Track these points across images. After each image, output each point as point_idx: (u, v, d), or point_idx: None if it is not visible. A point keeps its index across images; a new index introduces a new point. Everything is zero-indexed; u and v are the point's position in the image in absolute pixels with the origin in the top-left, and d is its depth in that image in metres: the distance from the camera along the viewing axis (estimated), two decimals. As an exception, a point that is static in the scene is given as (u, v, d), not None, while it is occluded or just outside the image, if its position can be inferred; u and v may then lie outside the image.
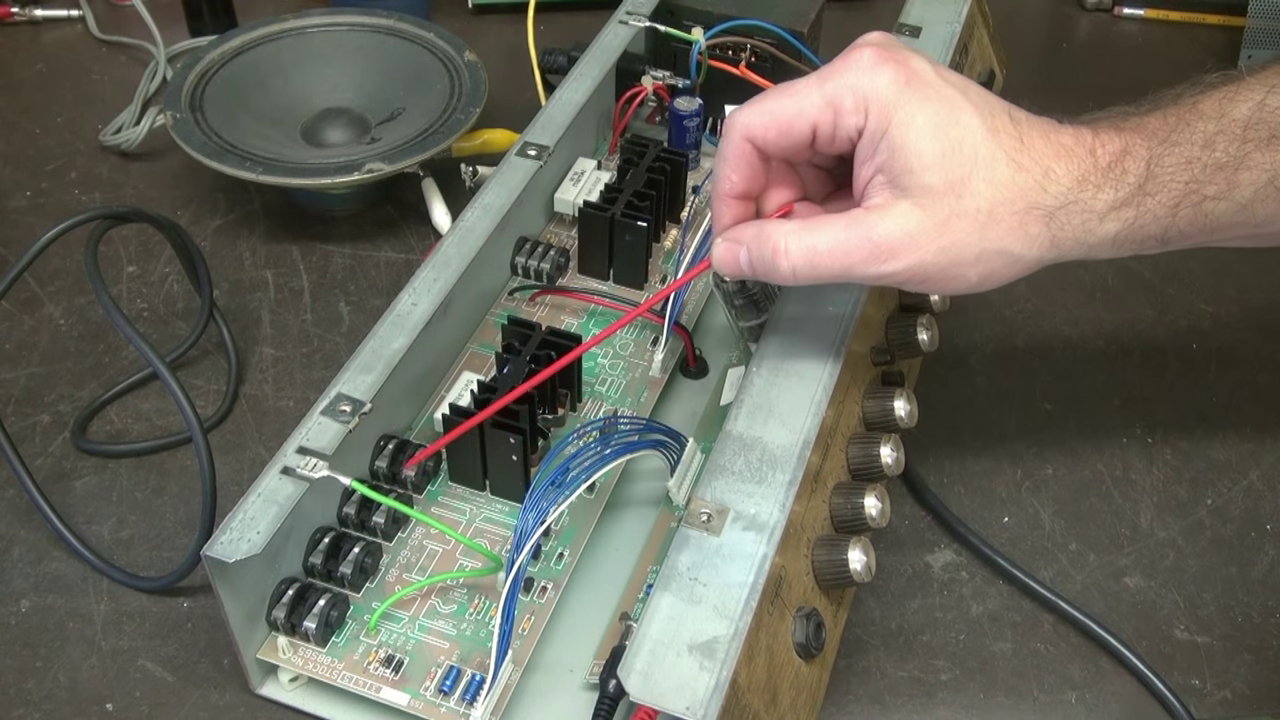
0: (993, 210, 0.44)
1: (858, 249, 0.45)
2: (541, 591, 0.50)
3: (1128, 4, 0.96)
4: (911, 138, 0.44)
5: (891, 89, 0.45)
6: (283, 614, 0.48)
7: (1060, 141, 0.46)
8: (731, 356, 0.62)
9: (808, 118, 0.46)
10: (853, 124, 0.45)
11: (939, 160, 0.44)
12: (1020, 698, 0.52)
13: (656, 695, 0.40)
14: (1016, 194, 0.45)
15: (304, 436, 0.49)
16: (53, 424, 0.62)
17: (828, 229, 0.46)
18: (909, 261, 0.45)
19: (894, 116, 0.44)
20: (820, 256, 0.45)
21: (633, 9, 0.72)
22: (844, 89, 0.45)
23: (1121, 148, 0.46)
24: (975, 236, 0.45)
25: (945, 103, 0.45)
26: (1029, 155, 0.45)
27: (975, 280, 0.46)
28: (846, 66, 0.46)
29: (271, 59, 0.78)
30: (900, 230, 0.44)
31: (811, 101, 0.46)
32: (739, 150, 0.48)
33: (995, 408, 0.64)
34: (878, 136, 0.45)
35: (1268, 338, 0.69)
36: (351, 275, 0.71)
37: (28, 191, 0.77)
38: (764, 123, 0.47)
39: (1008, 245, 0.45)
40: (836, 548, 0.47)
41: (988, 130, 0.45)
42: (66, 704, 0.51)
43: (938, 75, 0.46)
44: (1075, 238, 0.46)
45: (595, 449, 0.50)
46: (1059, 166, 0.45)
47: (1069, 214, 0.45)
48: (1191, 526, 0.59)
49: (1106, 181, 0.46)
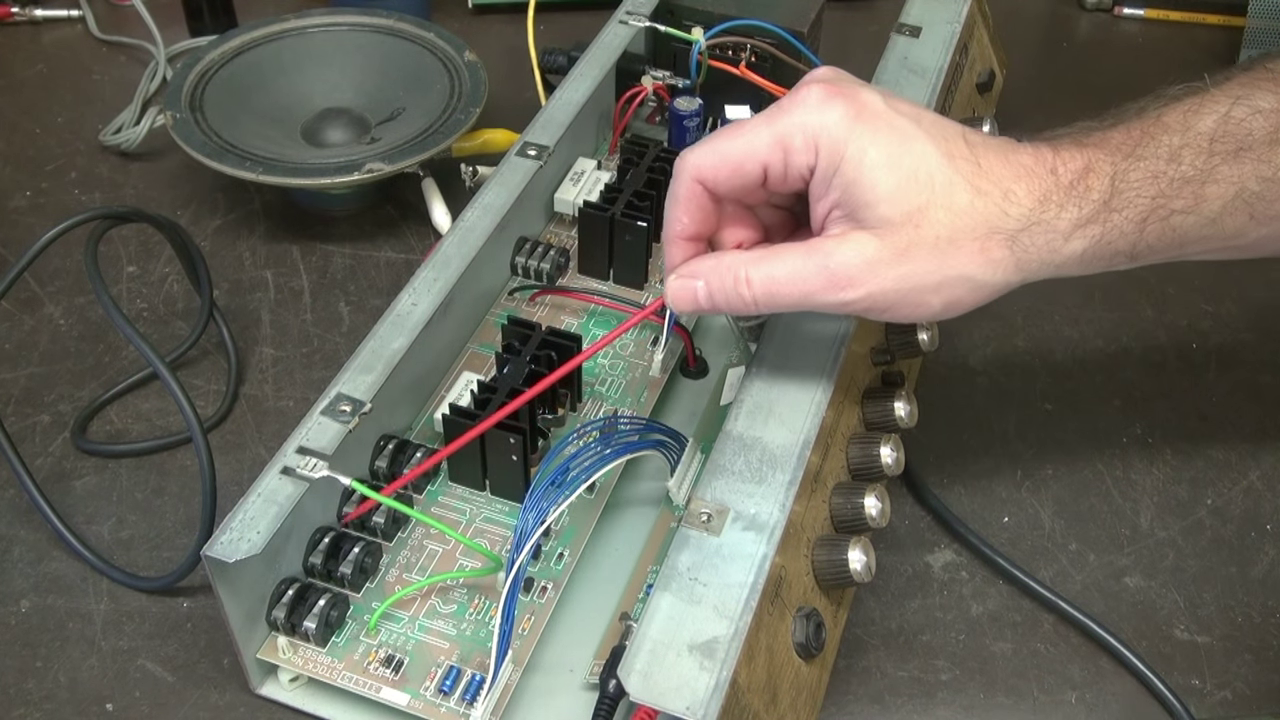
0: (953, 237, 0.44)
1: (815, 277, 0.44)
2: (541, 591, 0.50)
3: (1128, 4, 0.96)
4: (865, 172, 0.44)
5: (841, 125, 0.44)
6: (283, 614, 0.48)
7: (1019, 162, 0.45)
8: (731, 356, 0.62)
9: (757, 158, 0.45)
10: (803, 162, 0.45)
11: (894, 192, 0.43)
12: (1020, 698, 0.52)
13: (656, 695, 0.40)
14: (977, 219, 0.44)
15: (304, 436, 0.49)
16: (53, 424, 0.62)
17: (786, 257, 0.45)
18: (868, 289, 0.44)
19: (845, 152, 0.44)
20: (778, 285, 0.45)
21: (633, 9, 0.72)
22: (793, 127, 0.44)
23: (1084, 164, 0.46)
24: (935, 264, 0.44)
25: (897, 133, 0.44)
26: (987, 179, 0.44)
27: (939, 307, 0.45)
28: (795, 105, 0.45)
29: (271, 59, 0.78)
30: (858, 258, 0.44)
31: (761, 141, 0.45)
32: (689, 192, 0.47)
33: (995, 408, 0.64)
34: (830, 173, 0.44)
35: (1268, 338, 0.69)
36: (351, 275, 0.71)
37: (28, 191, 0.77)
38: (714, 163, 0.46)
39: (969, 272, 0.44)
40: (836, 548, 0.47)
41: (943, 156, 0.44)
42: (66, 704, 0.51)
43: (888, 107, 0.45)
44: (1040, 259, 0.45)
45: (595, 449, 0.50)
46: (1019, 188, 0.45)
47: (1032, 235, 0.45)
48: (1191, 526, 0.59)
49: (1069, 200, 0.45)
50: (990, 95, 0.76)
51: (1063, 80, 0.90)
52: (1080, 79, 0.90)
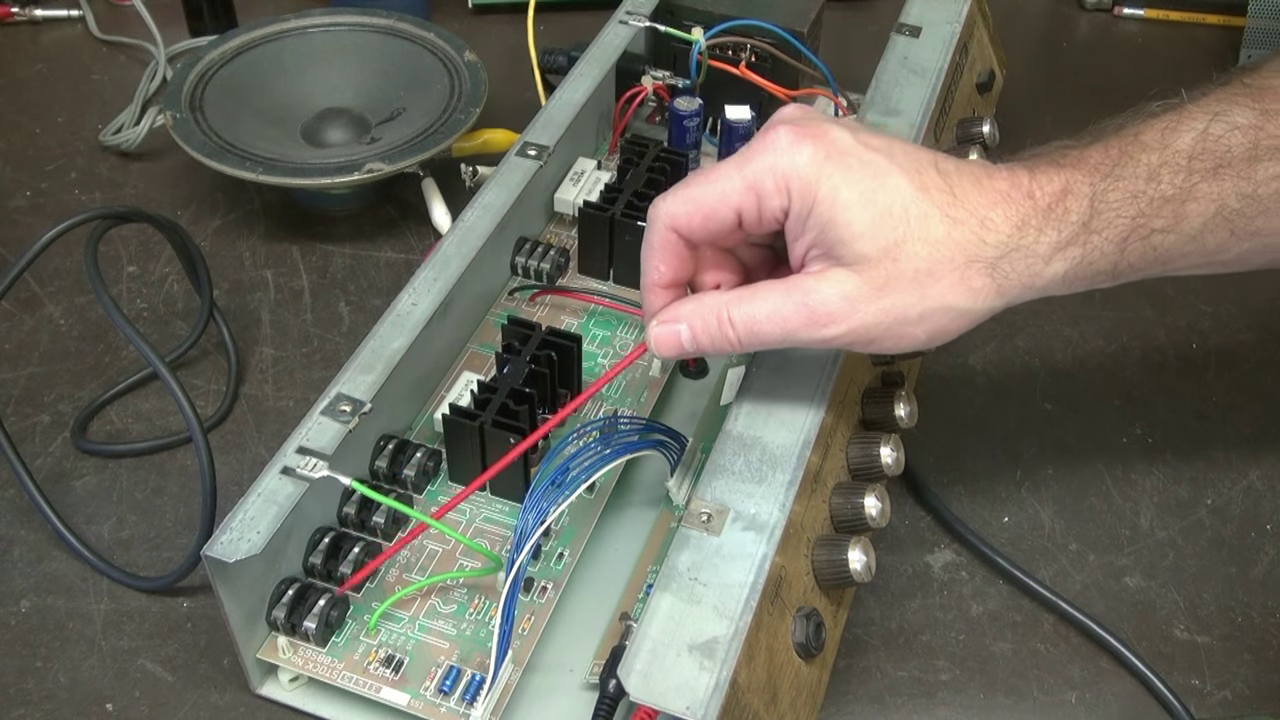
0: (931, 269, 0.44)
1: (795, 314, 0.44)
2: (541, 591, 0.50)
3: (1127, 4, 0.96)
4: (839, 210, 0.43)
5: (811, 166, 0.44)
6: (283, 614, 0.48)
7: (995, 188, 0.45)
8: (731, 356, 0.62)
9: (730, 203, 0.45)
10: (777, 205, 0.45)
11: (869, 228, 0.43)
12: (1020, 698, 0.52)
13: (656, 695, 0.40)
14: (955, 250, 0.44)
15: (304, 436, 0.49)
16: (53, 424, 0.62)
17: (766, 296, 0.45)
18: (849, 325, 0.44)
19: (818, 193, 0.44)
20: (760, 324, 0.45)
21: (633, 9, 0.72)
22: (763, 171, 0.44)
23: (1062, 186, 0.45)
24: (915, 297, 0.44)
25: (869, 169, 0.44)
26: (963, 208, 0.44)
27: (924, 338, 0.45)
28: (764, 148, 0.45)
29: (271, 59, 0.78)
30: (838, 295, 0.44)
31: (733, 186, 0.45)
32: (664, 240, 0.47)
33: (995, 408, 0.64)
34: (804, 214, 0.44)
35: (1268, 338, 0.69)
36: (351, 275, 0.71)
37: (28, 191, 0.77)
38: (687, 211, 0.46)
39: (950, 301, 0.44)
40: (836, 548, 0.47)
41: (916, 189, 0.44)
42: (66, 704, 0.51)
43: (858, 143, 0.45)
44: (1022, 283, 0.45)
45: (595, 449, 0.50)
46: (996, 214, 0.44)
47: (1011, 261, 0.45)
48: (1191, 526, 0.59)
49: (1048, 223, 0.45)
50: (990, 95, 0.76)
51: (1063, 80, 0.90)
52: (1080, 79, 0.90)
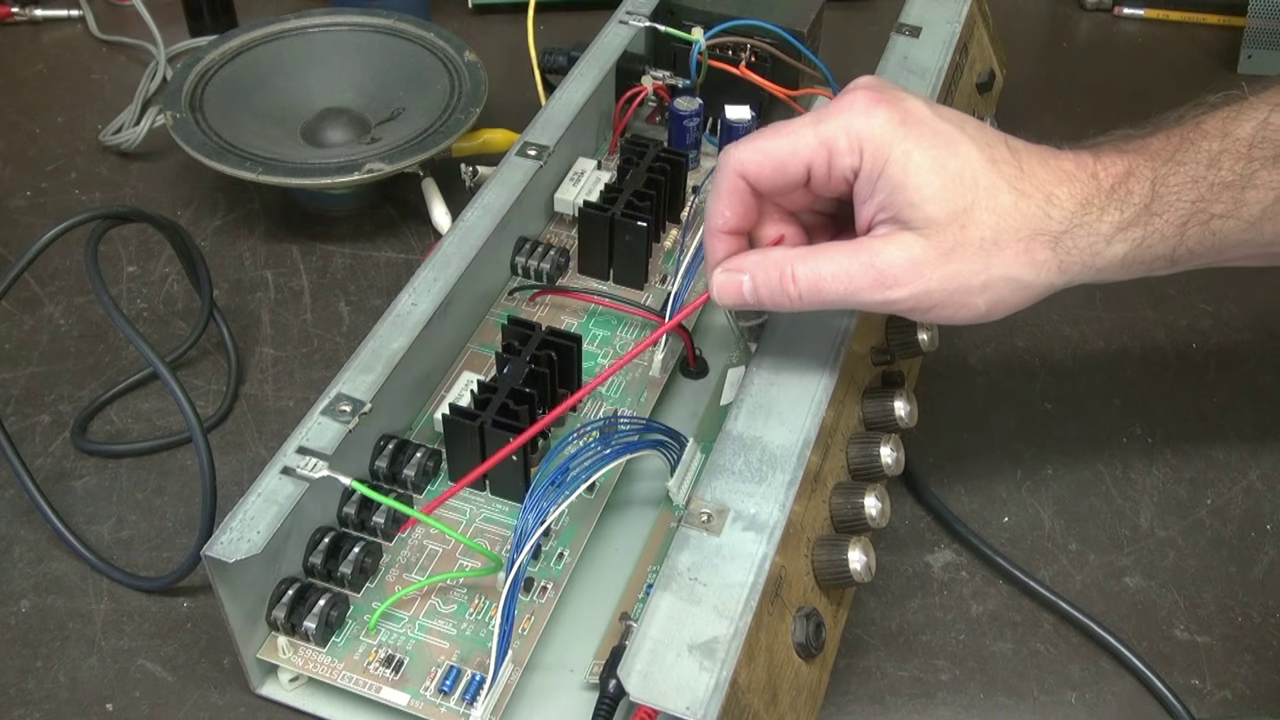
0: (998, 238, 0.45)
1: (861, 275, 0.45)
2: (541, 591, 0.50)
3: (1128, 4, 0.96)
4: (911, 174, 0.44)
5: (886, 129, 0.45)
6: (283, 614, 0.48)
7: (1061, 167, 0.46)
8: (731, 356, 0.62)
9: (801, 157, 0.46)
10: (847, 164, 0.45)
11: (940, 193, 0.44)
12: (1020, 698, 0.52)
13: (656, 695, 0.40)
14: (1021, 221, 0.45)
15: (304, 436, 0.49)
16: (53, 424, 0.62)
17: (833, 254, 0.46)
18: (913, 289, 0.45)
19: (890, 154, 0.44)
20: (824, 281, 0.45)
21: (633, 9, 0.72)
22: (838, 130, 0.45)
23: (1125, 169, 0.46)
24: (980, 264, 0.45)
25: (941, 138, 0.45)
26: (1030, 182, 0.45)
27: (984, 308, 0.46)
28: (841, 109, 0.46)
29: (271, 59, 0.78)
30: (904, 258, 0.44)
31: (805, 141, 0.46)
32: (732, 185, 0.47)
33: (995, 408, 0.64)
34: (875, 175, 0.45)
35: (1268, 338, 0.69)
36: (351, 275, 0.71)
37: (28, 191, 0.77)
38: (758, 160, 0.47)
39: (1014, 272, 0.45)
40: (836, 548, 0.47)
41: (987, 161, 0.45)
42: (66, 704, 0.51)
43: (932, 113, 0.46)
44: (1083, 261, 0.46)
45: (595, 449, 0.50)
46: (1061, 191, 0.45)
47: (1074, 238, 0.45)
48: (1191, 526, 0.59)
49: (1111, 203, 0.46)
50: (990, 95, 0.76)
51: (1063, 80, 0.90)
52: (1080, 79, 0.90)
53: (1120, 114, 0.48)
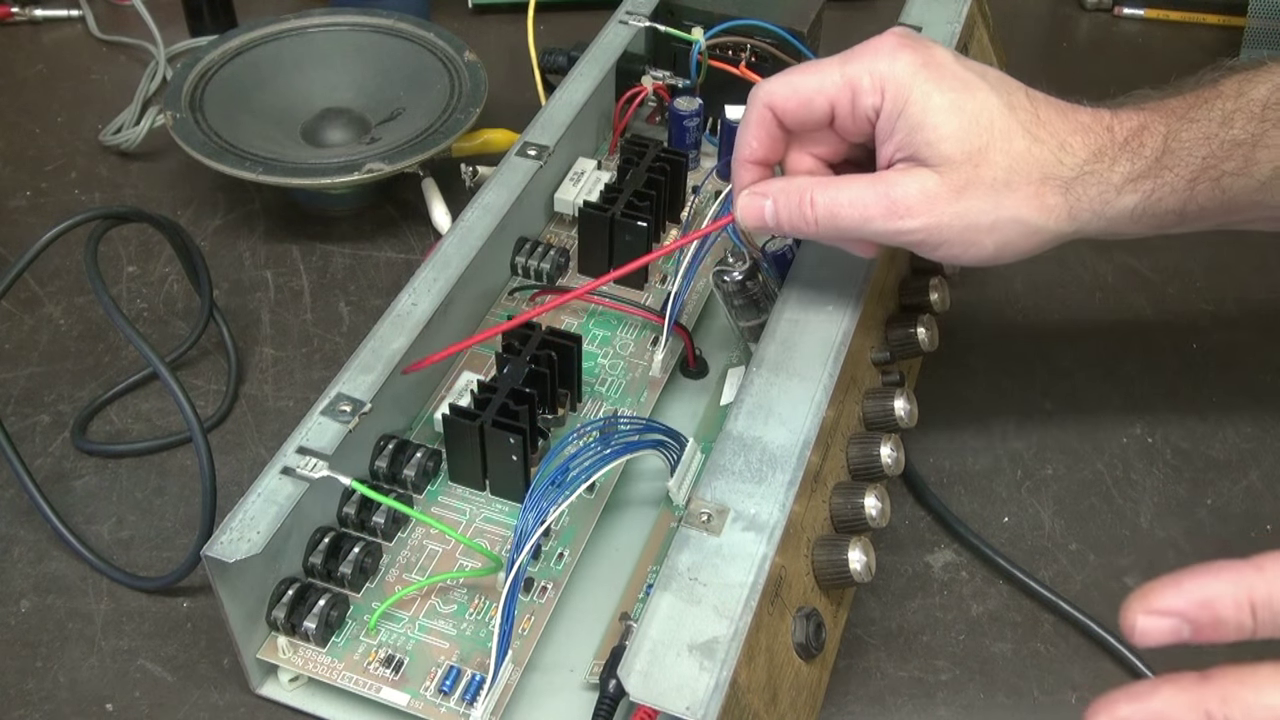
0: (1009, 180, 0.46)
1: (876, 203, 0.47)
2: (541, 591, 0.50)
3: (1128, 4, 0.96)
4: (929, 114, 0.46)
5: (908, 71, 0.47)
6: (283, 614, 0.48)
7: (1077, 119, 0.48)
8: (731, 356, 0.62)
9: (826, 95, 0.48)
10: (869, 104, 0.47)
11: (956, 132, 0.46)
12: (1020, 698, 0.52)
13: (656, 695, 0.40)
14: (1032, 164, 0.46)
15: (304, 436, 0.49)
16: (53, 424, 0.62)
17: (850, 184, 0.48)
18: (924, 221, 0.46)
19: (910, 95, 0.46)
20: (841, 208, 0.47)
21: (633, 9, 0.72)
22: (862, 71, 0.47)
23: (1139, 124, 0.48)
24: (991, 204, 0.46)
25: (961, 82, 0.47)
26: (1045, 129, 0.47)
27: (992, 249, 0.47)
28: (867, 51, 0.48)
29: (271, 59, 0.78)
30: (918, 190, 0.46)
31: (832, 80, 0.48)
32: (760, 116, 0.50)
33: (995, 408, 0.64)
34: (894, 115, 0.47)
35: (1268, 338, 0.69)
36: (351, 275, 0.71)
37: (28, 191, 0.77)
38: (785, 93, 0.49)
39: (1024, 214, 0.47)
40: (836, 548, 0.47)
41: (1004, 106, 0.47)
42: (66, 704, 0.51)
43: (955, 61, 0.48)
44: (1093, 209, 0.47)
45: (595, 449, 0.50)
46: (1075, 140, 0.47)
47: (1085, 185, 0.47)
48: (1191, 526, 0.59)
49: (1123, 155, 0.47)
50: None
51: (1063, 80, 0.89)
52: (1080, 79, 0.89)
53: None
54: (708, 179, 0.69)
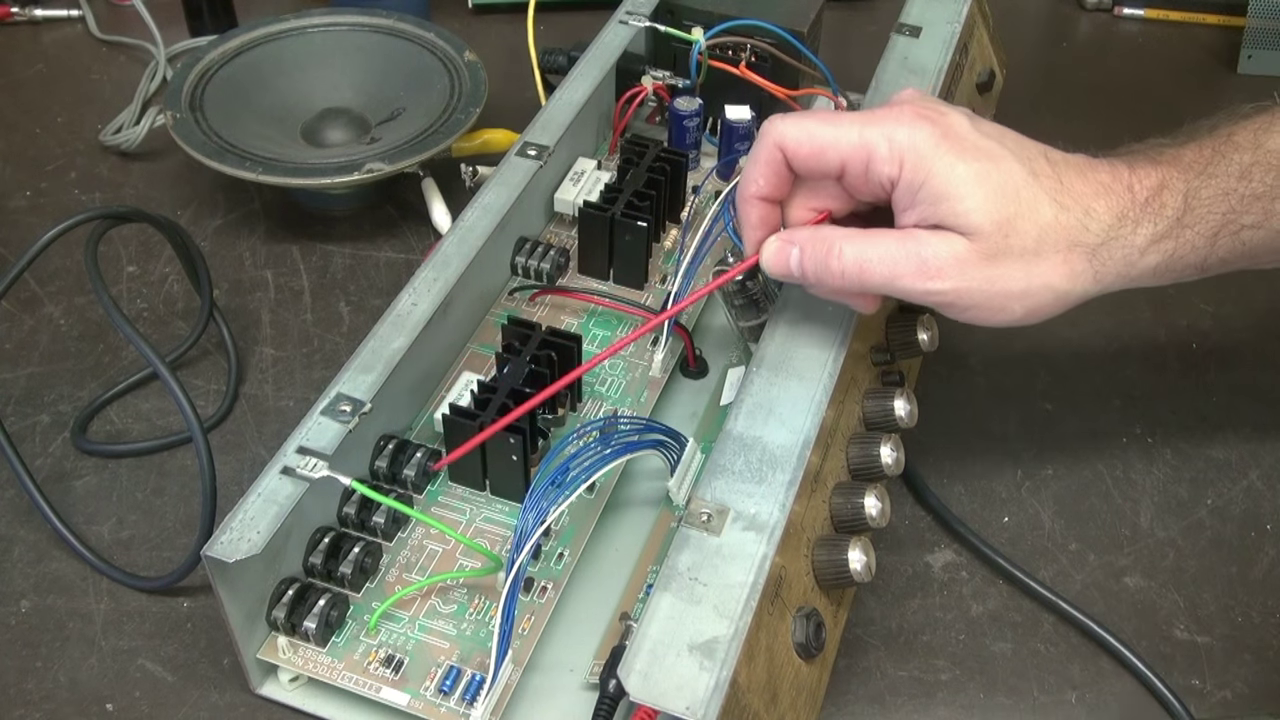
0: (1038, 249, 0.46)
1: (906, 261, 0.46)
2: (541, 591, 0.50)
3: (1128, 4, 0.96)
4: (954, 185, 0.46)
5: (929, 143, 0.46)
6: (283, 614, 0.48)
7: (1098, 179, 0.48)
8: (731, 356, 0.62)
9: (839, 151, 0.47)
10: (885, 172, 0.47)
11: (984, 203, 0.45)
12: (1020, 698, 0.52)
13: (656, 695, 0.40)
14: (1060, 233, 0.46)
15: (304, 436, 0.49)
16: (53, 424, 0.62)
17: (880, 239, 0.47)
18: (955, 284, 0.46)
19: (933, 168, 0.46)
20: (869, 264, 0.47)
21: (633, 9, 0.72)
22: (880, 137, 0.46)
23: (1159, 181, 0.48)
24: (1022, 273, 0.46)
25: (983, 153, 0.46)
26: (1069, 195, 0.47)
27: (1020, 314, 0.47)
28: (888, 117, 0.47)
29: (271, 59, 0.78)
30: (949, 252, 0.46)
31: (848, 138, 0.47)
32: (769, 155, 0.49)
33: (995, 408, 0.64)
34: (915, 187, 0.46)
35: (1268, 338, 0.69)
36: (351, 275, 0.71)
37: (28, 191, 0.77)
38: (798, 138, 0.48)
39: (1053, 282, 0.47)
40: (836, 548, 0.47)
41: (1028, 174, 0.46)
42: (66, 704, 0.51)
43: (973, 129, 0.47)
44: (1117, 271, 0.48)
45: (595, 449, 0.50)
46: (1099, 204, 0.47)
47: (1110, 250, 0.47)
48: (1191, 526, 0.59)
49: (1145, 216, 0.47)
50: (990, 95, 0.76)
51: (1063, 80, 0.90)
52: (1080, 79, 0.90)
53: (1120, 114, 0.48)
54: (708, 179, 0.69)
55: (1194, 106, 0.87)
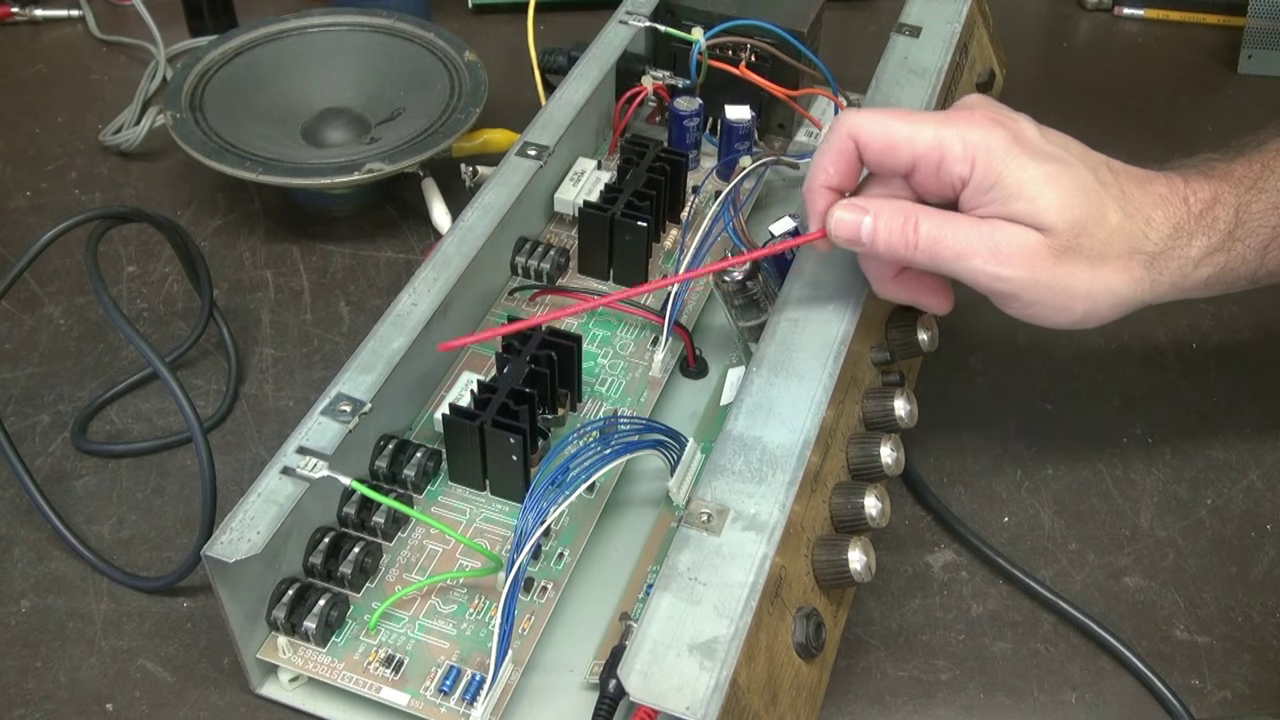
0: (1104, 253, 0.47)
1: (980, 243, 0.47)
2: (541, 591, 0.50)
3: (1128, 4, 0.96)
4: (1027, 186, 0.46)
5: (1000, 145, 0.47)
6: (283, 614, 0.48)
7: (1156, 191, 0.49)
8: (731, 356, 0.62)
9: (914, 149, 0.48)
10: (957, 171, 0.47)
11: (1057, 203, 0.46)
12: (1020, 698, 0.52)
13: (656, 695, 0.40)
14: (1124, 239, 0.48)
15: (304, 436, 0.49)
16: (53, 424, 0.62)
17: (957, 220, 0.48)
18: (1023, 273, 0.47)
19: (1004, 168, 0.47)
20: (944, 240, 0.47)
21: (633, 9, 0.72)
22: (955, 137, 0.47)
23: (1212, 195, 0.49)
24: (1088, 274, 0.47)
25: (1053, 158, 0.47)
26: (1131, 203, 0.48)
27: (1080, 315, 0.48)
28: (961, 119, 0.48)
29: (271, 59, 0.78)
30: (1022, 241, 0.47)
31: (923, 135, 0.48)
32: (842, 146, 0.49)
33: (995, 408, 0.64)
34: (986, 187, 0.47)
35: (1268, 338, 0.69)
36: (351, 275, 0.71)
37: (28, 191, 0.77)
38: (873, 131, 0.48)
39: (1115, 286, 0.48)
40: (836, 548, 0.47)
41: (1095, 180, 0.48)
42: (66, 704, 0.51)
43: (1041, 136, 0.48)
44: (1172, 281, 0.49)
45: (595, 449, 0.50)
46: (1158, 215, 0.48)
47: (1168, 260, 0.49)
48: (1191, 526, 0.59)
49: (1199, 229, 0.49)
50: (990, 95, 0.76)
51: (1063, 80, 0.90)
52: (1080, 79, 0.90)
53: (1120, 114, 0.48)
54: (708, 179, 0.69)
55: (1194, 106, 0.87)
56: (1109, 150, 0.51)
